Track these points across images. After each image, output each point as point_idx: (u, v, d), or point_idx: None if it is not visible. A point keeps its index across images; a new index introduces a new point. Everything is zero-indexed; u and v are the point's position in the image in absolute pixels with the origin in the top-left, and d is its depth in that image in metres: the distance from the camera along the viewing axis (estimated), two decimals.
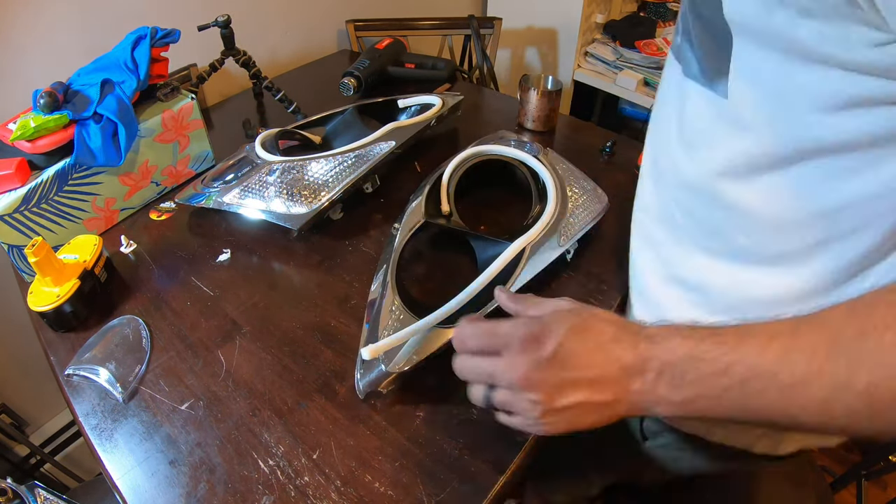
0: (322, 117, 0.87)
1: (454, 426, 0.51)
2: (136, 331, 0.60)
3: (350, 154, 0.71)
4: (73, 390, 0.56)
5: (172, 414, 0.53)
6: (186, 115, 0.76)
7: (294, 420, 0.52)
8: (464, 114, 0.91)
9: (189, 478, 0.48)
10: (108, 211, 0.73)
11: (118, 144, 0.66)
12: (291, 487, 0.47)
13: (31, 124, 0.61)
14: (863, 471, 1.11)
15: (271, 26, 1.15)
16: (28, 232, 0.64)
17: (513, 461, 0.49)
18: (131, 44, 0.70)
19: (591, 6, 1.50)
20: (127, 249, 0.71)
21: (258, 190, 0.69)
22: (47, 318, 0.59)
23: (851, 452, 1.39)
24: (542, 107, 0.90)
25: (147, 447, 0.50)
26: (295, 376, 0.56)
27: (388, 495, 0.46)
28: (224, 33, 0.91)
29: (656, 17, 1.61)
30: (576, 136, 0.94)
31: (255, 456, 0.49)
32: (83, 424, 0.53)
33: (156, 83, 0.74)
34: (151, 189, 0.77)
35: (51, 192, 0.64)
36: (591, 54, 1.57)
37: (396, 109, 0.90)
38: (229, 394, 0.54)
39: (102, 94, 0.66)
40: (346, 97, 1.01)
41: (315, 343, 0.59)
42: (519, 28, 1.60)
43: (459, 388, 0.54)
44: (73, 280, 0.59)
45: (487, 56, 1.30)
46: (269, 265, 0.69)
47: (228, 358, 0.58)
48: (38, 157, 0.64)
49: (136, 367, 0.57)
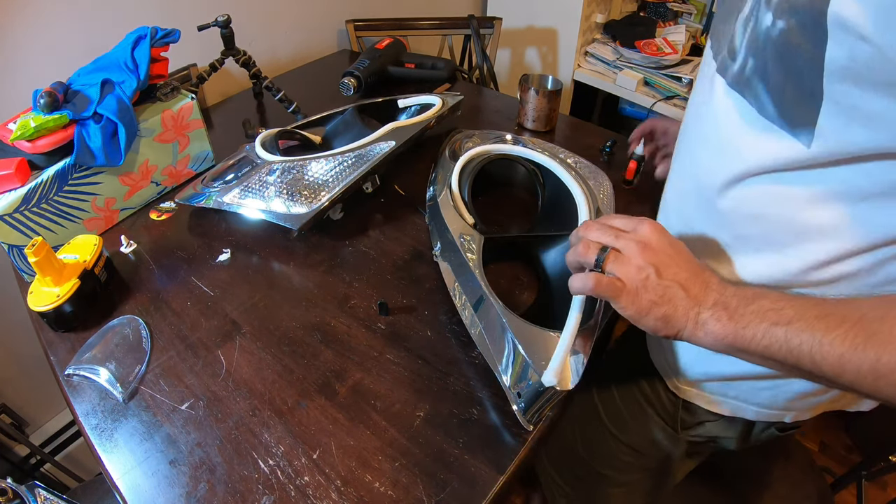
0: (322, 117, 0.87)
1: (454, 426, 0.51)
2: (136, 331, 0.60)
3: (350, 154, 0.71)
4: (73, 390, 0.56)
5: (172, 414, 0.53)
6: (186, 115, 0.76)
7: (294, 420, 0.52)
8: (464, 114, 0.91)
9: (189, 478, 0.48)
10: (108, 211, 0.73)
11: (118, 144, 0.66)
12: (291, 487, 0.47)
13: (31, 124, 0.61)
14: (863, 471, 1.11)
15: (271, 26, 1.15)
16: (28, 232, 0.64)
17: (513, 461, 0.49)
18: (131, 44, 0.70)
19: (591, 6, 1.50)
20: (127, 249, 0.71)
21: (258, 190, 0.69)
22: (47, 318, 0.59)
23: (851, 453, 1.39)
24: (542, 107, 0.90)
25: (147, 447, 0.50)
26: (295, 376, 0.56)
27: (388, 495, 0.46)
28: (224, 33, 0.91)
29: (656, 17, 1.61)
30: (576, 135, 0.94)
31: (255, 456, 0.49)
32: (83, 424, 0.53)
33: (156, 83, 0.74)
34: (151, 189, 0.77)
35: (51, 192, 0.64)
36: (591, 54, 1.57)
37: (396, 109, 0.90)
38: (229, 394, 0.54)
39: (102, 94, 0.66)
40: (346, 97, 1.01)
41: (315, 343, 0.59)
42: (519, 28, 1.60)
43: (460, 388, 0.54)
44: (73, 280, 0.59)
45: (487, 56, 1.30)
46: (269, 265, 0.69)
47: (228, 358, 0.58)
48: (38, 157, 0.64)
49: (136, 367, 0.57)
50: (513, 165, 0.78)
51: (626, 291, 0.44)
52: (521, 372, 0.50)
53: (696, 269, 0.44)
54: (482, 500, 0.46)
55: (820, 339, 0.36)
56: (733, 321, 0.40)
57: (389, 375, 0.56)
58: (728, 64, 0.43)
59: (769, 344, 0.38)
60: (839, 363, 0.35)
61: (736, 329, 0.40)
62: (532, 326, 0.52)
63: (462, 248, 0.61)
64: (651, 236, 0.45)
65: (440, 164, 0.78)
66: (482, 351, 0.54)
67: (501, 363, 0.51)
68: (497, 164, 0.77)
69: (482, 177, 0.75)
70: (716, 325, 0.41)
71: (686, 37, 1.50)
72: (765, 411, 0.56)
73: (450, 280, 0.61)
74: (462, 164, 0.72)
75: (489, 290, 0.55)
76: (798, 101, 0.37)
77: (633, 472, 0.75)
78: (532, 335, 0.51)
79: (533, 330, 0.51)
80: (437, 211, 0.68)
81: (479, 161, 0.74)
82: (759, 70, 0.39)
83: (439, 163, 0.78)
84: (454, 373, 0.56)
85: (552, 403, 0.50)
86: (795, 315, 0.38)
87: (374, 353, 0.58)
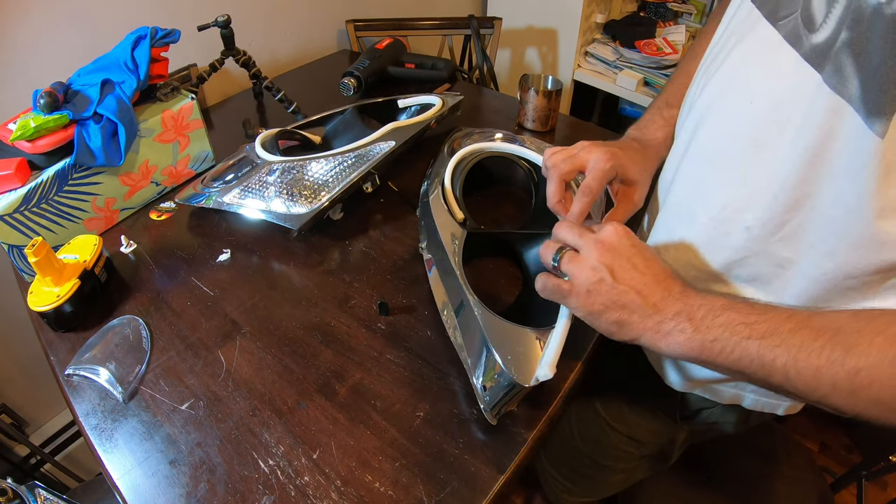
0: (322, 117, 0.87)
1: (454, 426, 0.51)
2: (136, 331, 0.60)
3: (350, 154, 0.71)
4: (73, 390, 0.56)
5: (172, 414, 0.53)
6: (186, 115, 0.76)
7: (294, 420, 0.52)
8: (464, 114, 0.91)
9: (189, 478, 0.48)
10: (108, 211, 0.73)
11: (118, 144, 0.66)
12: (291, 487, 0.47)
13: (31, 124, 0.61)
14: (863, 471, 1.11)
15: (271, 26, 1.15)
16: (28, 232, 0.64)
17: (513, 461, 0.49)
18: (131, 44, 0.70)
19: (591, 6, 1.50)
20: (127, 249, 0.71)
21: (258, 190, 0.69)
22: (47, 318, 0.59)
23: (851, 453, 1.39)
24: (542, 107, 0.90)
25: (147, 447, 0.50)
26: (295, 376, 0.56)
27: (388, 495, 0.46)
28: (224, 33, 0.91)
29: (656, 17, 1.61)
30: (576, 136, 0.94)
31: (255, 456, 0.49)
32: (83, 424, 0.53)
33: (156, 83, 0.74)
34: (151, 189, 0.77)
35: (51, 192, 0.64)
36: (591, 54, 1.57)
37: (396, 109, 0.90)
38: (229, 394, 0.54)
39: (102, 94, 0.66)
40: (346, 97, 1.01)
41: (315, 343, 0.59)
42: (519, 28, 1.60)
43: (460, 388, 0.54)
44: (73, 280, 0.59)
45: (487, 56, 1.30)
46: (269, 265, 0.69)
47: (228, 358, 0.58)
48: (38, 157, 0.64)
49: (136, 367, 0.57)
50: (509, 164, 0.78)
51: (575, 293, 0.44)
52: (488, 366, 0.50)
53: (658, 274, 0.43)
54: (482, 500, 0.46)
55: (795, 355, 0.35)
56: (699, 333, 0.39)
57: (389, 375, 0.56)
58: (804, 35, 0.39)
59: (739, 357, 0.38)
60: (814, 377, 0.35)
61: (703, 341, 0.39)
62: (503, 322, 0.51)
63: (445, 242, 0.61)
64: (612, 238, 0.44)
65: (438, 161, 0.78)
66: (454, 342, 0.54)
67: (471, 356, 0.52)
68: (493, 162, 0.77)
69: (479, 175, 0.75)
70: (679, 336, 0.40)
71: (686, 37, 1.50)
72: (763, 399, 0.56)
73: (434, 277, 0.61)
74: (456, 161, 0.72)
75: (466, 285, 0.55)
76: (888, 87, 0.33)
77: (633, 461, 0.75)
78: (503, 330, 0.51)
79: (504, 325, 0.51)
80: (427, 206, 0.68)
81: (472, 158, 0.74)
82: (854, 45, 0.35)
83: (437, 159, 0.79)
84: (454, 373, 0.56)
85: (517, 399, 0.50)
86: (769, 329, 0.37)
87: (374, 353, 0.58)
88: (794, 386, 0.36)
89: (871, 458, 1.11)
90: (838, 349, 0.34)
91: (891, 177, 0.35)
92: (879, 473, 1.10)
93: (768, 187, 0.42)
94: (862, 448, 1.38)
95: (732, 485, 0.88)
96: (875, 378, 0.32)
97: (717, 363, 0.39)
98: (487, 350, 0.50)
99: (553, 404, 0.53)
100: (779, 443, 0.92)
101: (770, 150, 0.42)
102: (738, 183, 0.45)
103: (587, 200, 0.51)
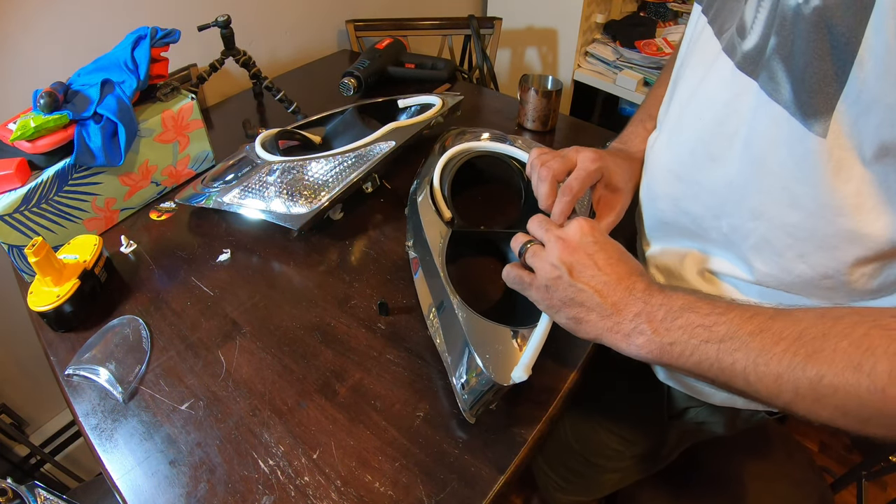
0: (322, 117, 0.87)
1: (454, 426, 0.51)
2: (136, 331, 0.60)
3: (350, 154, 0.71)
4: (73, 390, 0.56)
5: (172, 414, 0.53)
6: (186, 115, 0.76)
7: (294, 420, 0.52)
8: (464, 114, 0.91)
9: (189, 478, 0.48)
10: (108, 211, 0.73)
11: (118, 144, 0.66)
12: (291, 487, 0.47)
13: (31, 124, 0.61)
14: (863, 471, 1.11)
15: (271, 26, 1.15)
16: (28, 232, 0.64)
17: (513, 461, 0.49)
18: (131, 44, 0.70)
19: (591, 6, 1.50)
20: (127, 249, 0.71)
21: (258, 190, 0.69)
22: (47, 318, 0.59)
23: (851, 453, 1.40)
24: (542, 107, 0.90)
25: (147, 447, 0.50)
26: (295, 376, 0.56)
27: (388, 495, 0.46)
28: (224, 33, 0.91)
29: (656, 17, 1.61)
30: (576, 136, 0.94)
31: (255, 456, 0.49)
32: (83, 424, 0.53)
33: (156, 83, 0.74)
34: (151, 189, 0.77)
35: (51, 192, 0.64)
36: (591, 54, 1.57)
37: (396, 109, 0.90)
38: (229, 394, 0.54)
39: (102, 94, 0.66)
40: (346, 97, 1.01)
41: (315, 343, 0.59)
42: (519, 28, 1.60)
43: None
44: (73, 280, 0.59)
45: (487, 56, 1.30)
46: (269, 265, 0.69)
47: (228, 358, 0.58)
48: (38, 157, 0.64)
49: (136, 367, 0.57)
50: (499, 163, 0.77)
51: (535, 286, 0.45)
52: (468, 366, 0.50)
53: (620, 273, 0.42)
54: (482, 500, 0.46)
55: (755, 360, 0.34)
56: (658, 335, 0.39)
57: (389, 375, 0.56)
58: (737, 43, 0.40)
59: (699, 361, 0.37)
60: (776, 383, 0.34)
61: (661, 344, 0.38)
62: (484, 320, 0.51)
63: (431, 241, 0.61)
64: (574, 235, 0.44)
65: (428, 160, 0.78)
66: (435, 342, 0.54)
67: (452, 355, 0.52)
68: (485, 162, 0.77)
69: (470, 173, 0.75)
70: (639, 337, 0.39)
71: None
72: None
73: (420, 279, 0.61)
74: (445, 160, 0.72)
75: (448, 284, 0.55)
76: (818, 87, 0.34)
77: (623, 460, 0.76)
78: (483, 329, 0.50)
79: (484, 324, 0.51)
80: (415, 204, 0.68)
81: (462, 157, 0.74)
82: (782, 49, 0.35)
83: (428, 158, 0.79)
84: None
85: (497, 399, 0.50)
86: (727, 332, 0.36)
87: (374, 353, 0.58)
88: (756, 391, 0.35)
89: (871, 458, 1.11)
90: (800, 354, 0.32)
91: (842, 174, 0.35)
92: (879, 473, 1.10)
93: (730, 197, 0.43)
94: (862, 448, 1.38)
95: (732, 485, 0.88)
96: (839, 386, 0.31)
97: (677, 366, 0.38)
98: (468, 349, 0.50)
99: (553, 404, 0.53)
100: (778, 443, 0.92)
101: (724, 164, 0.43)
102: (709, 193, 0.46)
103: (567, 200, 0.50)
